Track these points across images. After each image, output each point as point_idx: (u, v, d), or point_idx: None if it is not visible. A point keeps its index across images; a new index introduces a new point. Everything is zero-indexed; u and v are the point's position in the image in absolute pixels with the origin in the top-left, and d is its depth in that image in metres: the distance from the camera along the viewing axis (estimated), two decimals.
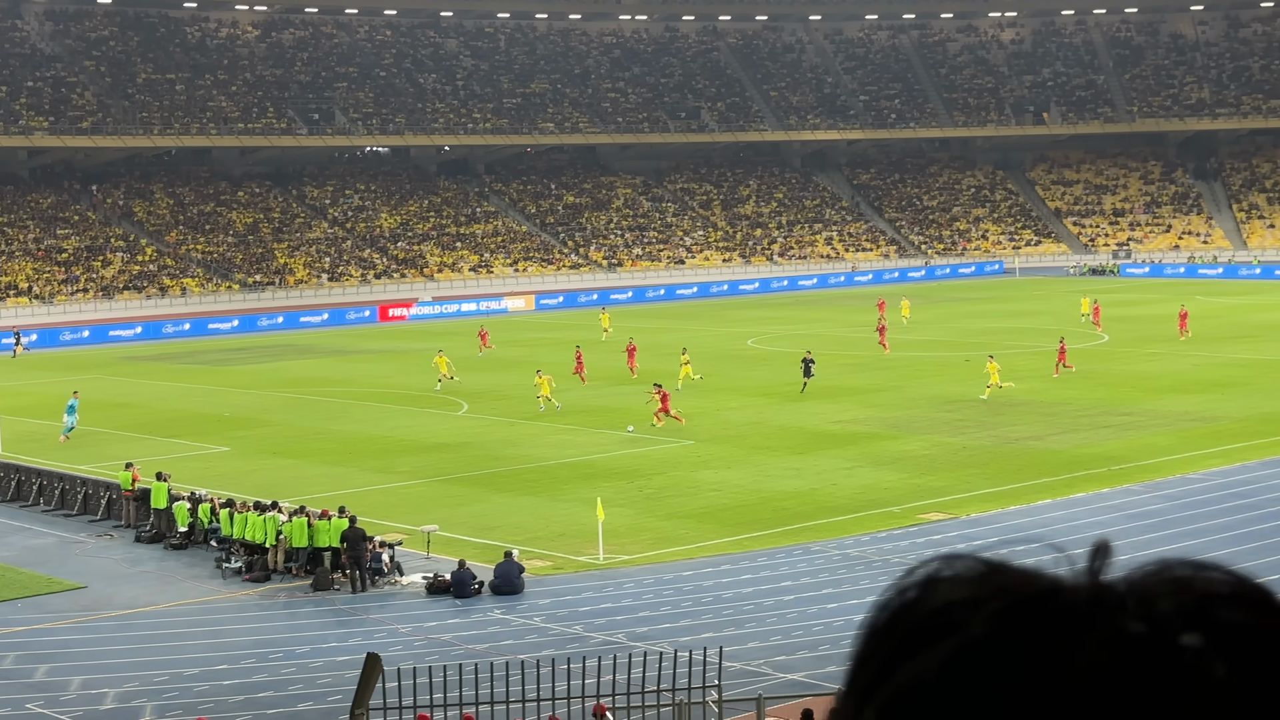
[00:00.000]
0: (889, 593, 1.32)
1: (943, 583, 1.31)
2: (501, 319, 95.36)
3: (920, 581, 1.32)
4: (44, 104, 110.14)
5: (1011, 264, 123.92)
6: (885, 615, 1.31)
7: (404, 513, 37.91)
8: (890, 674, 1.28)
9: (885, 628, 1.31)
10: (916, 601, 1.30)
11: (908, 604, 1.31)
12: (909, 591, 1.31)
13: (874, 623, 1.32)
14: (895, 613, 1.31)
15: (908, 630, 1.29)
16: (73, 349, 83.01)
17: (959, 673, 1.24)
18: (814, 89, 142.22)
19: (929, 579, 1.32)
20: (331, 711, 22.02)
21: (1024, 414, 51.05)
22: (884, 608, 1.32)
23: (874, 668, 1.30)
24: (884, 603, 1.32)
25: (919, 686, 1.26)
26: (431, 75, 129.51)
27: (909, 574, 1.33)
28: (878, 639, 1.31)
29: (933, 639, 1.27)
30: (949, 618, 1.27)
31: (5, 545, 36.58)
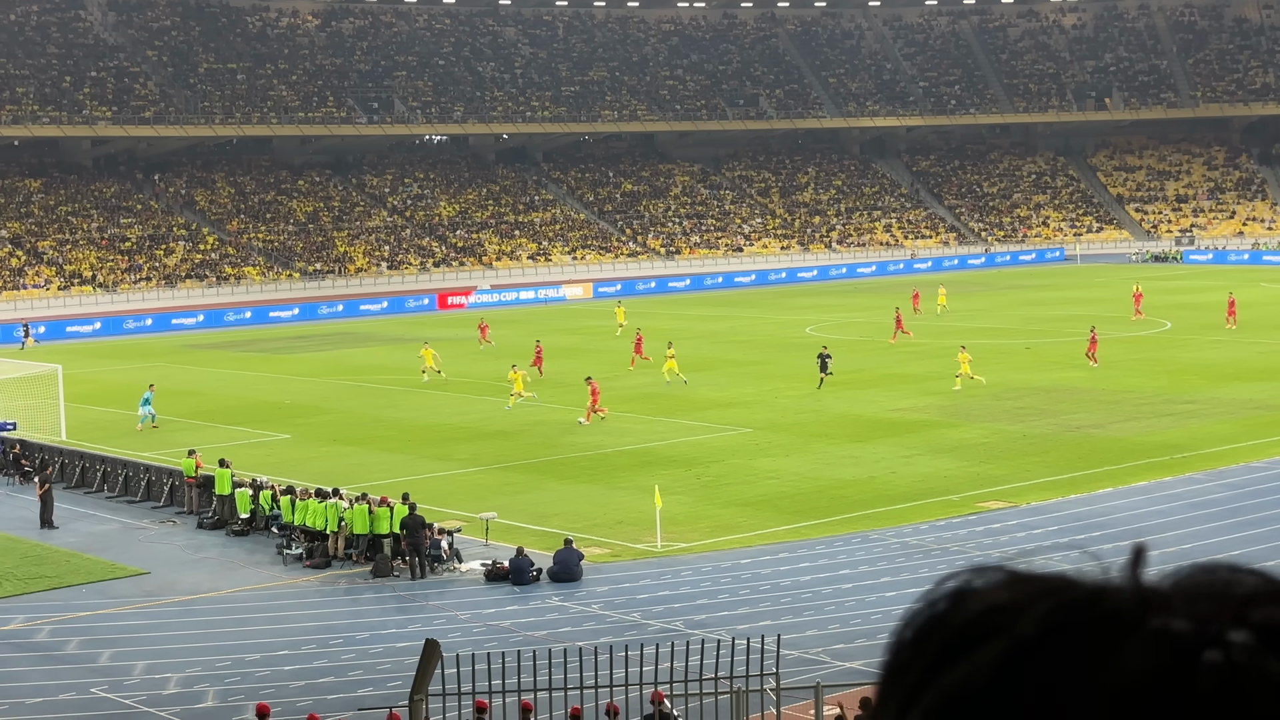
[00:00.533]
0: (919, 604, 1.32)
1: (977, 591, 1.30)
2: (559, 307, 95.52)
3: (952, 592, 1.31)
4: (107, 94, 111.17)
5: (1073, 251, 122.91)
6: (919, 624, 1.31)
7: (463, 500, 38.07)
8: (932, 680, 1.27)
9: (921, 635, 1.30)
10: (952, 610, 1.30)
11: (943, 612, 1.30)
12: (941, 602, 1.31)
13: (907, 632, 1.31)
14: (930, 621, 1.30)
15: (948, 636, 1.28)
16: (136, 337, 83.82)
17: (1011, 673, 1.24)
18: (873, 75, 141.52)
19: (961, 590, 1.31)
20: (391, 697, 22.16)
21: (1085, 402, 50.66)
22: (917, 617, 1.31)
23: (913, 676, 1.29)
24: (916, 613, 1.32)
25: (969, 689, 1.25)
26: (490, 64, 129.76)
27: (938, 586, 1.32)
28: (914, 647, 1.30)
29: (977, 642, 1.26)
30: (993, 622, 1.27)
31: (70, 531, 37.01)
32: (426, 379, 59.03)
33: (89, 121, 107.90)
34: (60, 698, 24.61)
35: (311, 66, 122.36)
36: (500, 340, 70.05)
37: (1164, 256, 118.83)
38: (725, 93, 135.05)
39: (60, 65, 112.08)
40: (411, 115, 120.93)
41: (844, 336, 71.92)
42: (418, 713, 16.33)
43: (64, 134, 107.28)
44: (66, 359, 59.68)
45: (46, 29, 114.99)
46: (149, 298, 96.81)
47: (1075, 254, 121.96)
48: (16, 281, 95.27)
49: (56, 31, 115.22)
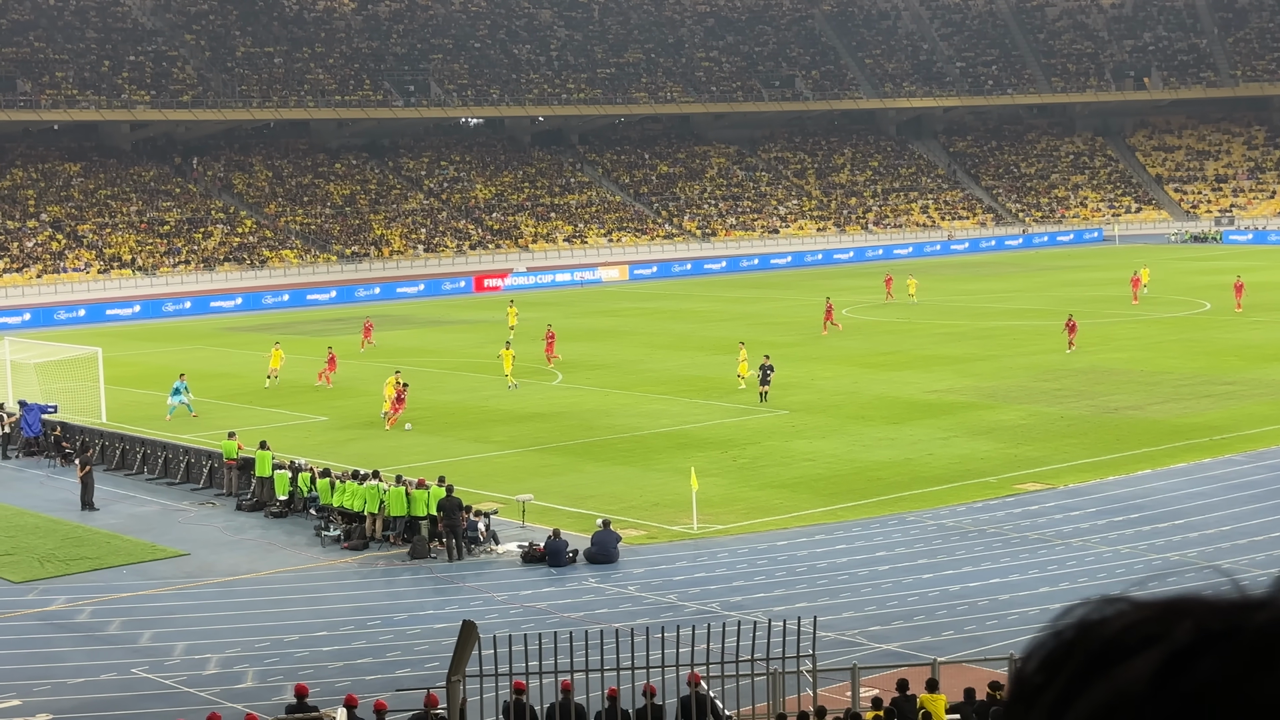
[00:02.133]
0: (1045, 634, 1.35)
1: (1111, 616, 1.34)
2: (595, 289, 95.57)
3: (1080, 620, 1.35)
4: (145, 78, 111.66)
5: (1111, 231, 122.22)
6: (1048, 650, 1.33)
7: (499, 482, 38.18)
8: (1079, 693, 1.30)
9: (1056, 658, 1.33)
10: (1096, 625, 1.33)
11: (1086, 628, 1.33)
12: (1069, 630, 1.34)
13: (1036, 659, 1.34)
14: (1062, 646, 1.33)
15: (1096, 650, 1.31)
16: (175, 320, 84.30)
17: (1169, 680, 1.26)
18: (909, 56, 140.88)
19: (1089, 617, 1.35)
20: (428, 678, 22.27)
21: (1123, 383, 50.42)
22: (1044, 645, 1.34)
23: (1052, 694, 1.32)
24: (1042, 642, 1.35)
25: (1126, 698, 1.27)
26: (526, 46, 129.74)
27: (1061, 617, 1.36)
28: (1049, 670, 1.33)
29: (1126, 656, 1.29)
30: (1143, 633, 1.30)
31: (111, 513, 37.30)
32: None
33: (128, 105, 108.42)
34: (102, 678, 24.82)
35: (348, 50, 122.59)
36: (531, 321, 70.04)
37: (1203, 237, 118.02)
38: (761, 74, 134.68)
39: (99, 50, 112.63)
40: (448, 98, 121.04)
41: (880, 318, 71.75)
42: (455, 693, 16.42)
43: (103, 118, 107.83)
44: (106, 342, 60.07)
45: (85, 14, 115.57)
46: (187, 281, 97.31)
47: (1114, 234, 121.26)
48: (57, 265, 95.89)
49: (95, 16, 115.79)
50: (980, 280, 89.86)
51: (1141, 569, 28.80)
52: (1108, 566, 29.08)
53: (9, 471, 43.64)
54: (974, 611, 26.50)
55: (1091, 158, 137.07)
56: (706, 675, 19.64)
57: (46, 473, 42.98)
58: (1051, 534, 31.78)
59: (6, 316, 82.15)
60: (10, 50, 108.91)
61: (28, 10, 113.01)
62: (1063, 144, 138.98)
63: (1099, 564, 29.29)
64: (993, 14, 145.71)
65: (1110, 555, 29.93)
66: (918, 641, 24.90)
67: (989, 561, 29.68)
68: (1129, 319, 67.28)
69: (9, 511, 37.82)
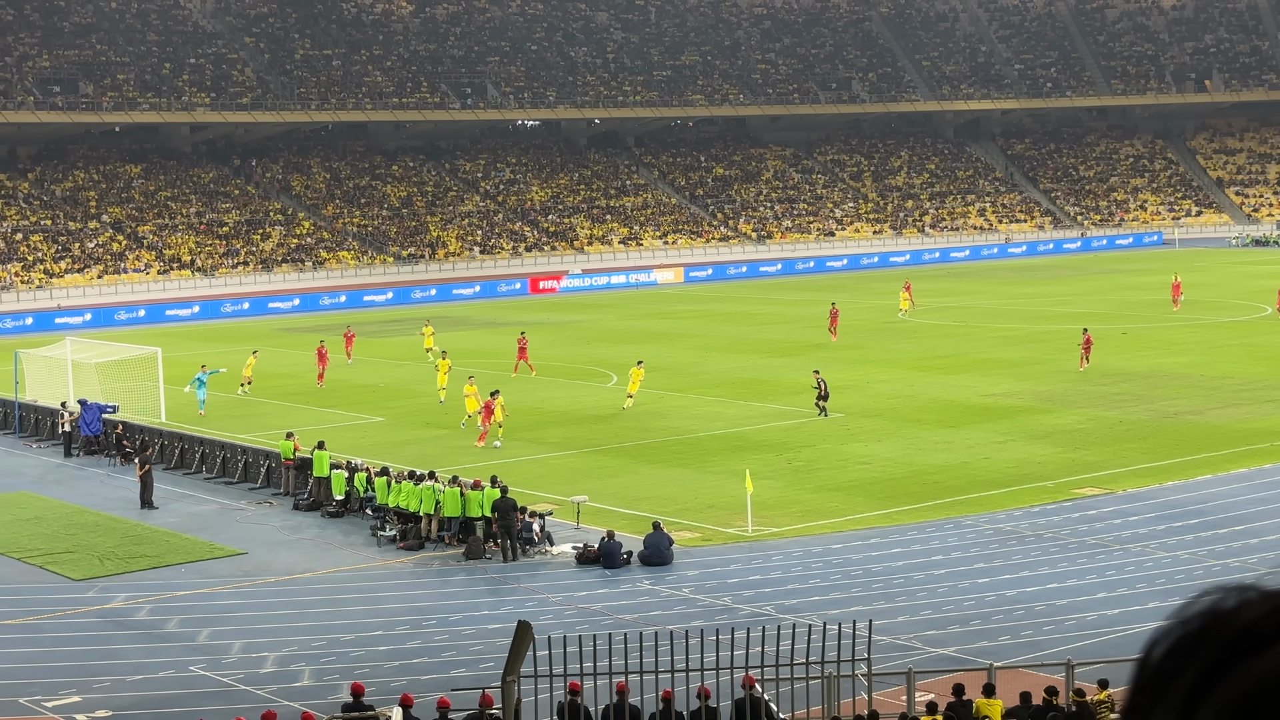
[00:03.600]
0: (1172, 623, 1.35)
1: (1244, 602, 1.34)
2: (650, 291, 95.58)
3: (1207, 608, 1.35)
4: (205, 81, 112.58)
5: (1171, 235, 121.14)
6: (1175, 638, 1.33)
7: (554, 483, 38.24)
8: (1219, 681, 1.30)
9: (1193, 641, 1.33)
10: (1228, 614, 1.33)
11: (1216, 617, 1.33)
12: (1195, 620, 1.34)
13: (1162, 647, 1.34)
14: (1205, 626, 1.33)
15: (1230, 639, 1.31)
16: (233, 320, 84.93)
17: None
18: (967, 58, 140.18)
19: (1216, 606, 1.35)
20: (483, 678, 22.32)
21: (1184, 388, 49.96)
22: (1171, 633, 1.34)
23: (1188, 680, 1.31)
24: (1169, 630, 1.34)
25: (1271, 686, 1.27)
26: (582, 48, 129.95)
27: (1186, 607, 1.36)
28: (1179, 657, 1.33)
29: (1267, 642, 1.30)
30: (1278, 622, 1.30)
31: (169, 512, 37.60)
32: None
33: (188, 108, 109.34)
34: (160, 675, 25.02)
35: (406, 52, 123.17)
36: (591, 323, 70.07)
37: (1265, 240, 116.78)
38: (818, 76, 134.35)
39: (160, 53, 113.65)
40: (504, 100, 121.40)
41: (937, 321, 71.41)
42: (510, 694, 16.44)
43: (163, 120, 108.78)
44: (166, 342, 60.58)
45: (147, 17, 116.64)
46: (246, 282, 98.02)
47: (1174, 238, 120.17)
48: (117, 265, 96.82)
49: (157, 19, 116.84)
50: (1038, 284, 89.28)
51: (1201, 575, 28.52)
52: (1167, 572, 28.82)
53: (70, 470, 44.10)
54: (1031, 616, 26.32)
55: (1151, 160, 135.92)
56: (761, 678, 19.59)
57: (107, 471, 43.39)
58: (1110, 539, 31.52)
59: (68, 317, 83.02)
60: (73, 53, 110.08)
61: (90, 13, 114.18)
62: (1122, 147, 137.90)
63: (1158, 570, 29.03)
64: (1052, 16, 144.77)
65: (1169, 561, 29.65)
66: (974, 646, 24.75)
67: (1046, 566, 29.46)
68: (1190, 324, 66.65)
69: (70, 510, 38.21)
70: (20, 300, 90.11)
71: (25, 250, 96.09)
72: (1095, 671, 21.69)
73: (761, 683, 19.66)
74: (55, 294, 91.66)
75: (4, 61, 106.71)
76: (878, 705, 19.60)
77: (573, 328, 73.63)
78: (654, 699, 19.36)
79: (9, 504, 39.13)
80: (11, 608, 29.46)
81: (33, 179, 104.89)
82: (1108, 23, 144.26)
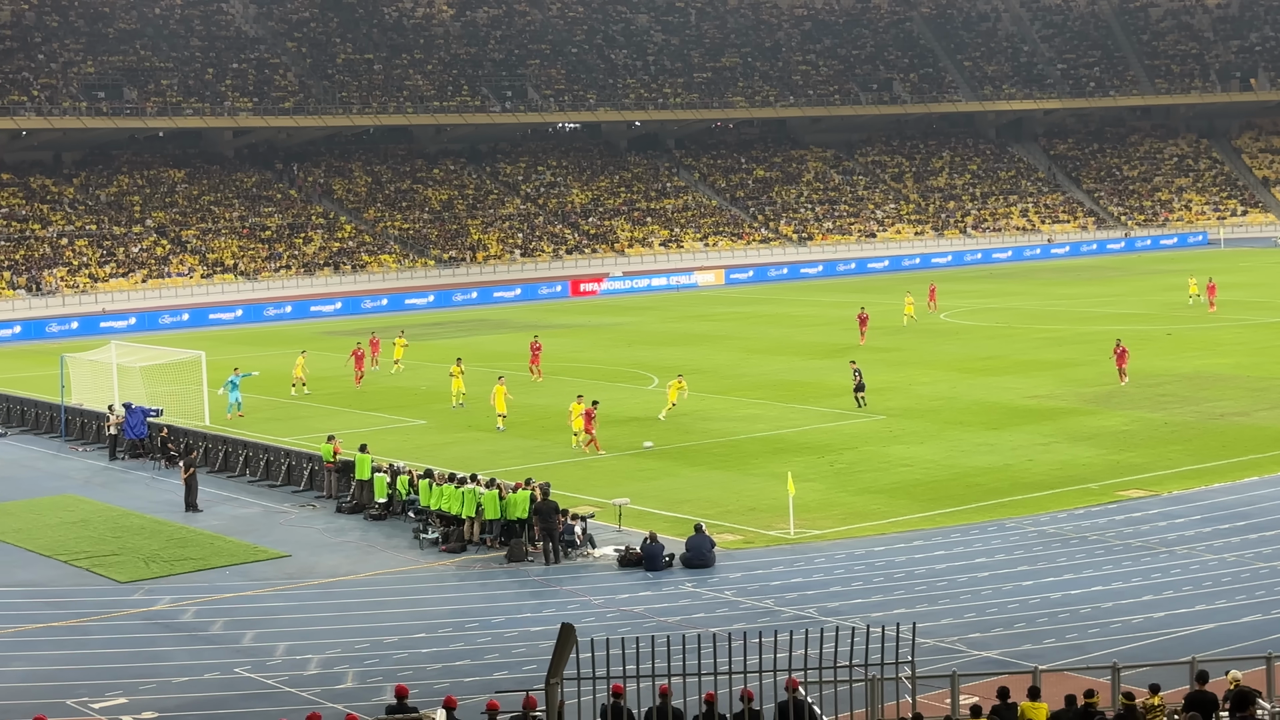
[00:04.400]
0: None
1: None
2: (691, 293, 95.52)
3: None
4: (248, 85, 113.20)
5: (1216, 235, 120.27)
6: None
7: (596, 486, 38.26)
8: None
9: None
10: None
11: None
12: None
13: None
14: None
15: None
16: (276, 324, 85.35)
17: None
18: (1009, 58, 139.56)
19: None
20: (527, 681, 22.35)
21: (1229, 389, 49.58)
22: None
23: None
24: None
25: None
26: (622, 51, 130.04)
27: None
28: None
29: None
30: None
31: (214, 515, 37.80)
32: (294, 393, 56.05)
33: (231, 113, 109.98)
34: (205, 677, 25.15)
35: (446, 56, 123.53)
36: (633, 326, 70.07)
37: None
38: (859, 77, 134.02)
39: (203, 58, 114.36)
40: (545, 103, 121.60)
41: (979, 323, 71.12)
42: (554, 696, 16.45)
43: (206, 125, 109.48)
44: (209, 345, 60.90)
45: (190, 22, 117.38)
46: (288, 285, 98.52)
47: (1219, 237, 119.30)
48: (161, 270, 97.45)
49: (199, 25, 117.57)
50: (1081, 285, 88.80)
51: (1248, 578, 28.30)
52: (1213, 575, 28.60)
53: (115, 473, 44.39)
54: (1076, 619, 26.16)
55: (1196, 160, 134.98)
56: (804, 680, 19.53)
57: (151, 474, 43.67)
58: (1155, 541, 31.32)
59: (113, 321, 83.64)
60: (117, 59, 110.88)
61: (134, 19, 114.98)
62: (1166, 146, 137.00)
63: (1204, 572, 28.82)
64: (1095, 15, 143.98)
65: (1215, 564, 29.43)
66: (1018, 649, 24.62)
67: (1091, 569, 29.29)
68: (1235, 324, 66.14)
69: (115, 513, 38.46)
70: (66, 305, 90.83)
71: (70, 255, 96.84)
72: (1142, 675, 21.55)
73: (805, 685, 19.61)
74: (100, 298, 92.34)
75: (49, 68, 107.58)
76: (921, 708, 19.52)
77: (614, 330, 73.67)
78: (697, 702, 19.33)
79: (55, 507, 39.44)
80: (58, 610, 29.68)
81: (78, 184, 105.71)
82: (1151, 21, 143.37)
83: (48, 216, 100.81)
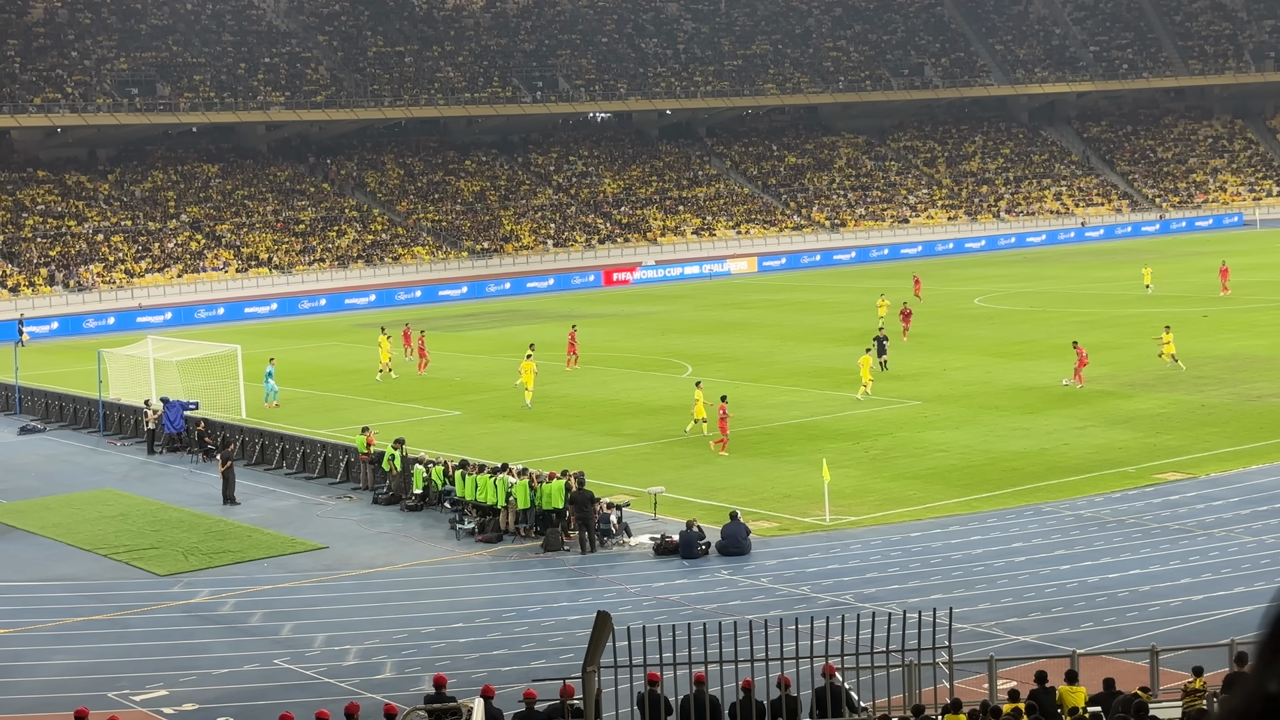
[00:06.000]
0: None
1: None
2: (724, 281, 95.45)
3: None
4: (280, 80, 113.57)
5: (1251, 216, 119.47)
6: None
7: (631, 474, 38.31)
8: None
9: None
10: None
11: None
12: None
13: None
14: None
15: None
16: (310, 317, 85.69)
17: None
18: (1041, 41, 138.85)
19: None
20: (564, 669, 22.42)
21: (1266, 370, 49.29)
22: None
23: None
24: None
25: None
26: (653, 40, 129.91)
27: None
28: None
29: None
30: None
31: (251, 507, 38.02)
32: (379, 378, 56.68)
33: (263, 107, 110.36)
34: (245, 668, 25.32)
35: (477, 47, 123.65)
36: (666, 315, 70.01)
37: None
38: (890, 63, 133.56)
39: (235, 53, 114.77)
40: (576, 93, 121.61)
41: (1013, 307, 70.86)
42: (590, 684, 16.51)
43: (239, 120, 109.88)
44: (245, 339, 61.19)
45: (222, 18, 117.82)
46: (322, 278, 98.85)
47: (1254, 218, 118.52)
48: (196, 264, 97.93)
49: (231, 20, 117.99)
50: (1116, 267, 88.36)
51: None
52: (1251, 557, 28.46)
53: (154, 467, 44.68)
54: (1113, 603, 26.08)
55: (1230, 141, 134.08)
56: (841, 667, 19.55)
57: (189, 468, 43.94)
58: (1193, 524, 31.18)
59: (149, 316, 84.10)
60: (150, 55, 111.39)
61: (166, 15, 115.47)
62: (1200, 127, 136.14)
63: (1242, 554, 28.68)
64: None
65: (1254, 546, 29.28)
66: (1056, 633, 24.57)
67: (1128, 552, 29.19)
68: (1272, 306, 65.73)
69: (154, 506, 38.72)
70: (102, 300, 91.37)
71: (106, 251, 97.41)
72: (1180, 658, 21.48)
73: (842, 671, 19.63)
74: (136, 294, 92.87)
75: (83, 65, 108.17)
76: (959, 693, 19.50)
77: (647, 319, 73.68)
78: (734, 689, 19.37)
79: (95, 501, 39.73)
80: (99, 603, 29.92)
81: (112, 180, 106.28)
82: (1184, 2, 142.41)
83: (83, 213, 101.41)
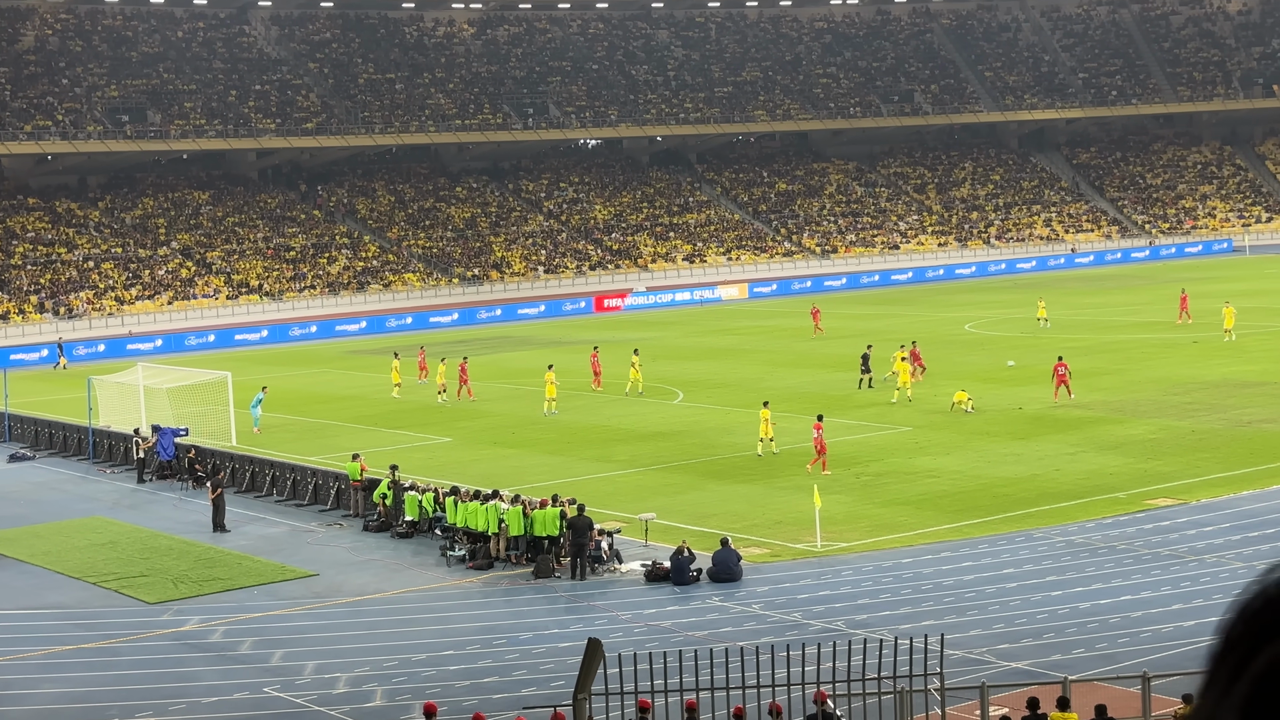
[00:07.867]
0: (1249, 593, 1.38)
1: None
2: (715, 308, 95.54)
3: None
4: (271, 106, 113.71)
5: (1241, 242, 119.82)
6: (1250, 609, 1.37)
7: (622, 501, 38.26)
8: (1257, 653, 1.34)
9: (1250, 617, 1.37)
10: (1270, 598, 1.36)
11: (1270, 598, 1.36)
12: (1273, 587, 1.37)
13: (1243, 604, 1.38)
14: (1265, 604, 1.37)
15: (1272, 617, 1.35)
16: (301, 344, 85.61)
17: None
18: (1030, 68, 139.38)
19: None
20: (555, 696, 22.35)
21: (1257, 396, 49.36)
22: (1250, 603, 1.37)
23: (1248, 642, 1.35)
24: (1247, 601, 1.38)
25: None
26: (643, 66, 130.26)
27: (1264, 577, 1.40)
28: (1245, 624, 1.37)
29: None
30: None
31: (241, 534, 37.91)
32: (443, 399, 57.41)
33: (254, 134, 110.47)
34: (234, 696, 25.22)
35: (468, 74, 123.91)
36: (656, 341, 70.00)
37: None
38: (880, 89, 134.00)
39: (226, 80, 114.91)
40: (566, 120, 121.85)
41: (1003, 333, 70.94)
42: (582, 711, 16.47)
43: (230, 146, 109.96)
44: (236, 366, 61.12)
45: (212, 45, 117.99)
46: (313, 305, 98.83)
47: (1244, 245, 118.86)
48: (187, 291, 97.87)
49: (222, 47, 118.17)
50: (1106, 294, 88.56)
51: None
52: (1243, 583, 28.42)
53: (144, 495, 44.57)
54: (1105, 629, 26.05)
55: (1219, 167, 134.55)
56: (833, 693, 19.51)
57: (179, 495, 43.83)
58: (1184, 550, 31.18)
59: (139, 343, 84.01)
60: (140, 82, 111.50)
61: (157, 43, 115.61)
62: (1189, 154, 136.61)
63: (1233, 580, 28.66)
64: (1116, 24, 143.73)
65: (1245, 571, 29.27)
66: (1048, 659, 24.53)
67: (1120, 578, 29.17)
68: (1262, 331, 65.86)
69: (144, 534, 38.61)
70: (92, 327, 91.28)
71: (96, 278, 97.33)
72: (1172, 684, 21.45)
73: (833, 698, 19.58)
74: (126, 320, 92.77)
75: (74, 92, 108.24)
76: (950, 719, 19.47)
77: (638, 345, 73.69)
78: (725, 716, 19.32)
79: (84, 529, 39.61)
80: (88, 631, 29.80)
81: (103, 207, 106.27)
82: (1173, 29, 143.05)
83: (73, 240, 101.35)
